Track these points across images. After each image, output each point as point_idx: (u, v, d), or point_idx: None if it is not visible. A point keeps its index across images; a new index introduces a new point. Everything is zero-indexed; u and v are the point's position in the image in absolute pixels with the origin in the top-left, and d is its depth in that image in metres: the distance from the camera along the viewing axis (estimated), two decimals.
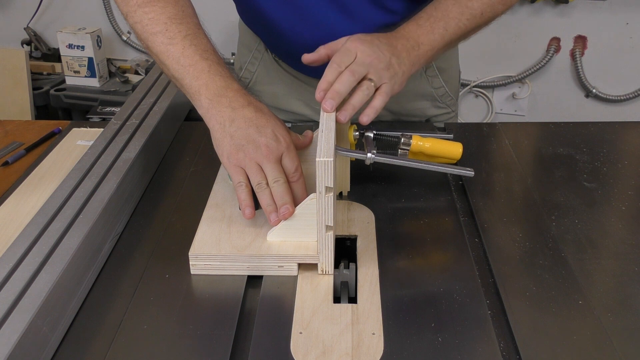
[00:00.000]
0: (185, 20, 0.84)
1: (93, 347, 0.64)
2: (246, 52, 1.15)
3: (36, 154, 1.04)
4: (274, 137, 0.76)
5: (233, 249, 0.73)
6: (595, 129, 1.09)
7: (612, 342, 0.63)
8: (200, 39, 0.83)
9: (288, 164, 0.76)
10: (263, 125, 0.77)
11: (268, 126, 0.77)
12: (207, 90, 0.79)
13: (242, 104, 0.78)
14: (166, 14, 0.83)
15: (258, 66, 1.14)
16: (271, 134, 0.76)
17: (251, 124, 0.76)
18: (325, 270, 0.72)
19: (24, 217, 0.84)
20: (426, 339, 0.63)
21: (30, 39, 2.42)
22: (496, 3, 0.89)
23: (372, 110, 0.79)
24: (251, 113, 0.77)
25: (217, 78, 0.79)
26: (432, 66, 1.09)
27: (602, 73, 2.28)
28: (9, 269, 0.66)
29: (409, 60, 0.84)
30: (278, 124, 0.79)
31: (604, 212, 0.85)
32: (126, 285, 0.72)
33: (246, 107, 0.78)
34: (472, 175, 0.84)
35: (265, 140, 0.76)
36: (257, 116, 0.77)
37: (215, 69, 0.80)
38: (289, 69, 1.11)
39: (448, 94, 1.13)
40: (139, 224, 0.84)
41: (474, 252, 0.77)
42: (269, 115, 0.79)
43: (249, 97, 0.80)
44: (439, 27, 0.86)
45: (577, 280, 0.71)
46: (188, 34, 0.82)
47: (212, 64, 0.80)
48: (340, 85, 0.77)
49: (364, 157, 0.81)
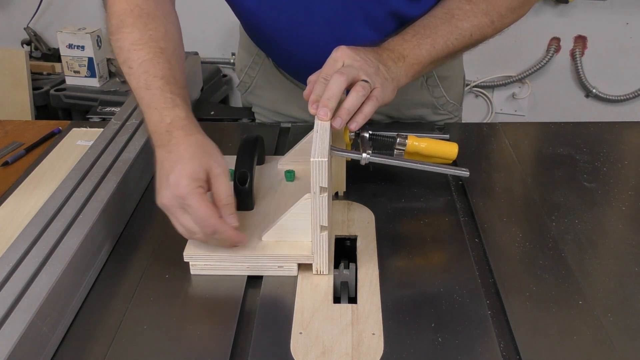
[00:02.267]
0: (147, 45, 0.79)
1: (93, 347, 0.64)
2: (246, 56, 1.15)
3: (36, 154, 1.04)
4: (173, 185, 0.68)
5: (227, 249, 0.73)
6: (595, 129, 1.09)
7: (612, 342, 0.63)
8: (154, 64, 0.77)
9: (193, 218, 0.68)
10: (168, 170, 0.69)
11: (170, 171, 0.69)
12: (148, 126, 0.76)
13: (163, 143, 0.72)
14: (129, 40, 0.80)
15: (258, 71, 1.14)
16: (172, 180, 0.68)
17: (161, 169, 0.71)
18: (320, 270, 0.72)
19: (24, 217, 0.84)
20: (426, 339, 0.63)
21: (30, 39, 2.42)
22: (485, 26, 0.89)
23: (362, 116, 0.77)
24: (164, 155, 0.71)
25: (154, 112, 0.74)
26: (433, 75, 1.09)
27: (602, 73, 2.27)
28: (9, 269, 0.66)
29: (397, 70, 0.83)
30: (184, 166, 0.69)
31: (604, 212, 0.85)
32: (126, 285, 0.72)
33: (163, 148, 0.72)
34: (467, 175, 0.84)
35: (166, 189, 0.69)
36: (167, 158, 0.71)
37: (155, 101, 0.75)
38: (289, 76, 1.11)
39: (450, 102, 1.12)
40: (139, 224, 0.84)
41: (474, 252, 0.77)
42: (179, 156, 0.70)
43: (176, 132, 0.72)
44: (426, 44, 0.85)
45: (577, 280, 0.71)
46: (144, 61, 0.78)
47: (154, 95, 0.75)
48: (331, 91, 0.74)
49: (359, 157, 0.81)
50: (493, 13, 0.89)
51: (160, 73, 0.77)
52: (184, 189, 0.67)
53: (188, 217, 0.69)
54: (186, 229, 0.70)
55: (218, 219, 0.68)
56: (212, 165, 0.70)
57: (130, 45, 0.80)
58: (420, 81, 1.08)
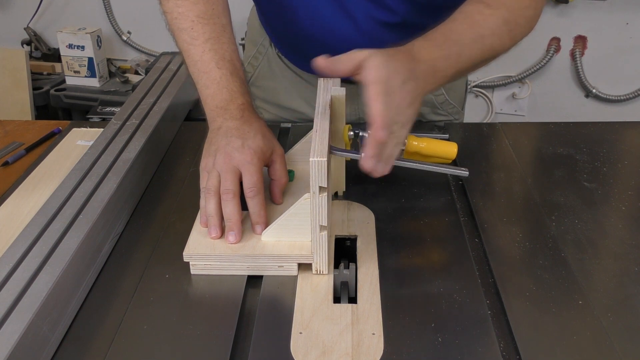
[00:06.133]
0: (212, 21, 0.85)
1: (93, 347, 0.64)
2: (251, 46, 1.16)
3: (36, 154, 1.04)
4: (240, 148, 0.76)
5: (227, 249, 0.73)
6: (595, 129, 1.09)
7: (612, 342, 0.63)
8: (221, 44, 0.84)
9: (246, 178, 0.75)
10: (238, 136, 0.77)
11: (243, 137, 0.77)
12: (212, 100, 0.82)
13: (235, 116, 0.79)
14: (195, 12, 0.84)
15: (261, 61, 1.14)
16: (239, 144, 0.76)
17: (228, 134, 0.77)
18: (320, 270, 0.72)
19: (24, 217, 0.84)
20: (426, 339, 0.63)
21: (30, 39, 2.42)
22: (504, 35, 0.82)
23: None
24: (236, 124, 0.78)
25: (224, 91, 0.81)
26: None
27: (602, 73, 2.28)
28: (9, 269, 0.66)
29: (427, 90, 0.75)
30: (257, 137, 0.78)
31: (604, 212, 0.85)
32: (126, 285, 0.72)
33: (236, 120, 0.79)
34: (467, 175, 0.84)
35: (230, 149, 0.76)
36: (238, 127, 0.78)
37: (226, 80, 0.82)
38: (292, 66, 1.11)
39: (449, 102, 1.12)
40: (139, 224, 0.84)
41: (474, 252, 0.77)
42: (253, 129, 0.79)
43: (247, 112, 0.81)
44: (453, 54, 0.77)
45: (577, 280, 0.71)
46: (210, 37, 0.84)
47: (224, 75, 0.82)
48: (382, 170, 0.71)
49: (358, 157, 0.80)
50: (511, 22, 0.83)
51: (228, 55, 0.84)
52: (250, 155, 0.76)
53: (230, 181, 0.75)
54: (214, 191, 0.75)
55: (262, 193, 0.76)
56: (276, 146, 0.81)
57: (196, 17, 0.84)
58: None
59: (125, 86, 2.27)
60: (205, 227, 0.76)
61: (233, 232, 0.74)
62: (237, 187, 0.75)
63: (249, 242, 0.74)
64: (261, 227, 0.75)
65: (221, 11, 0.87)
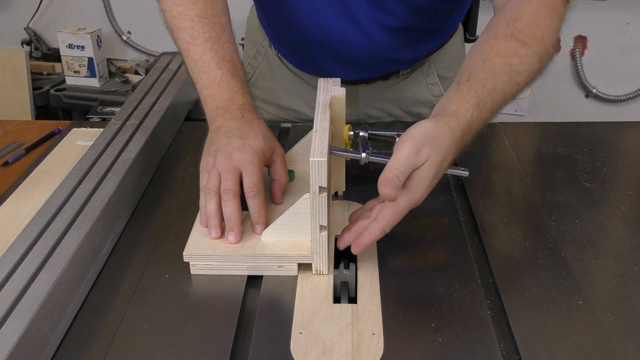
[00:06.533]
0: (212, 20, 0.85)
1: (93, 347, 0.64)
2: (251, 47, 1.16)
3: (36, 154, 1.04)
4: (241, 148, 0.76)
5: (227, 249, 0.73)
6: (595, 129, 1.09)
7: (612, 342, 0.63)
8: (221, 44, 0.84)
9: (246, 178, 0.75)
10: (238, 136, 0.77)
11: (243, 137, 0.77)
12: (213, 100, 0.82)
13: (236, 117, 0.79)
14: (195, 11, 0.84)
15: (261, 61, 1.14)
16: (239, 144, 0.76)
17: (229, 134, 0.77)
18: (320, 270, 0.72)
19: (24, 217, 0.84)
20: (426, 339, 0.63)
21: (30, 39, 2.42)
22: (536, 73, 0.78)
23: None
24: (236, 124, 0.78)
25: (224, 91, 0.82)
26: (433, 73, 1.08)
27: (602, 73, 2.28)
28: (9, 269, 0.66)
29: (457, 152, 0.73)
30: (257, 138, 0.78)
31: (604, 212, 0.85)
32: (126, 285, 0.72)
33: (237, 120, 0.79)
34: (467, 175, 0.84)
35: (230, 149, 0.76)
36: (239, 127, 0.78)
37: (226, 80, 0.82)
38: (291, 66, 1.11)
39: None
40: (139, 224, 0.84)
41: (474, 252, 0.77)
42: (253, 129, 0.79)
43: (247, 112, 0.81)
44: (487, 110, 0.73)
45: (577, 280, 0.71)
46: (210, 37, 0.84)
47: (225, 75, 0.82)
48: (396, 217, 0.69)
49: (358, 157, 0.80)
50: (544, 56, 0.78)
51: (229, 55, 0.84)
52: (251, 155, 0.76)
53: (230, 181, 0.74)
54: (214, 191, 0.75)
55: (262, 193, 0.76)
56: (276, 146, 0.81)
57: (196, 17, 0.84)
58: (420, 78, 1.08)
59: (125, 86, 2.27)
60: (205, 227, 0.76)
61: (233, 232, 0.74)
62: (238, 187, 0.75)
63: (249, 242, 0.74)
64: (261, 227, 0.75)
65: (221, 10, 0.87)
